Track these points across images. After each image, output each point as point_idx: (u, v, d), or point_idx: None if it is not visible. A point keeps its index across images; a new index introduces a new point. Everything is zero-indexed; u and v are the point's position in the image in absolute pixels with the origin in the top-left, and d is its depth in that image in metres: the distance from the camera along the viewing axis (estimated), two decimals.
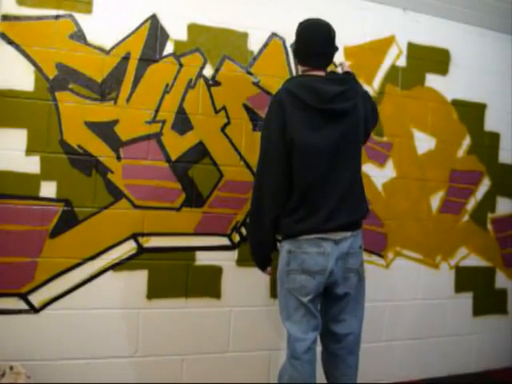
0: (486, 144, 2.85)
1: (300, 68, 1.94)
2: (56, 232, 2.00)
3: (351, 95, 1.81)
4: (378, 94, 2.54)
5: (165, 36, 2.16)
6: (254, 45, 2.31)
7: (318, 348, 1.86)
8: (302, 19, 2.37)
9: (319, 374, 1.86)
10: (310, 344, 1.77)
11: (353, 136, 1.84)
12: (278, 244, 1.87)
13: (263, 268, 1.91)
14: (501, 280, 2.89)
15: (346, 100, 1.78)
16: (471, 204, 2.81)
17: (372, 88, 2.53)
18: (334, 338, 1.85)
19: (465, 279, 2.78)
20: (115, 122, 2.09)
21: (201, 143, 2.22)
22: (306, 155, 1.74)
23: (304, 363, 1.76)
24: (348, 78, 1.89)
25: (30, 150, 1.97)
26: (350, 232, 1.79)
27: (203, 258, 2.23)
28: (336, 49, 1.89)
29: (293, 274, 1.76)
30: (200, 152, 2.22)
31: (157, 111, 2.15)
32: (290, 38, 2.36)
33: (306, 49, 1.85)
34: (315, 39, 1.84)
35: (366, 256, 2.18)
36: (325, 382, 1.92)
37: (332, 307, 1.84)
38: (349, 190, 1.79)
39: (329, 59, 1.89)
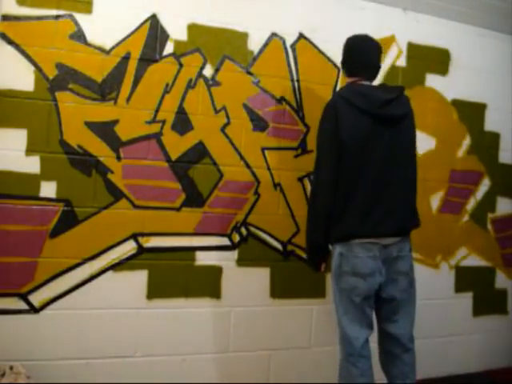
0: (486, 144, 2.84)
1: (348, 80, 1.96)
2: (56, 232, 2.00)
3: (403, 102, 1.86)
4: None
5: (165, 36, 2.16)
6: (254, 45, 2.31)
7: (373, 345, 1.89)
8: (301, 19, 2.39)
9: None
10: (363, 341, 1.82)
11: (407, 143, 1.88)
12: (331, 246, 1.90)
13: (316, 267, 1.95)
14: (501, 280, 2.89)
15: (397, 107, 1.82)
16: (471, 204, 2.81)
17: None
18: (389, 337, 1.90)
19: (465, 279, 2.77)
20: (115, 122, 2.09)
21: (201, 143, 2.22)
22: (356, 157, 1.77)
23: (361, 358, 1.80)
24: (399, 88, 1.91)
25: (29, 150, 1.97)
26: (400, 237, 1.83)
27: (203, 258, 2.23)
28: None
29: (345, 276, 1.81)
30: (200, 152, 2.22)
31: (157, 111, 2.14)
32: (290, 38, 2.37)
33: (359, 60, 1.91)
34: (370, 51, 1.91)
35: None
36: (379, 380, 1.95)
37: (383, 308, 1.89)
38: (401, 198, 1.83)
39: (377, 73, 1.95)
